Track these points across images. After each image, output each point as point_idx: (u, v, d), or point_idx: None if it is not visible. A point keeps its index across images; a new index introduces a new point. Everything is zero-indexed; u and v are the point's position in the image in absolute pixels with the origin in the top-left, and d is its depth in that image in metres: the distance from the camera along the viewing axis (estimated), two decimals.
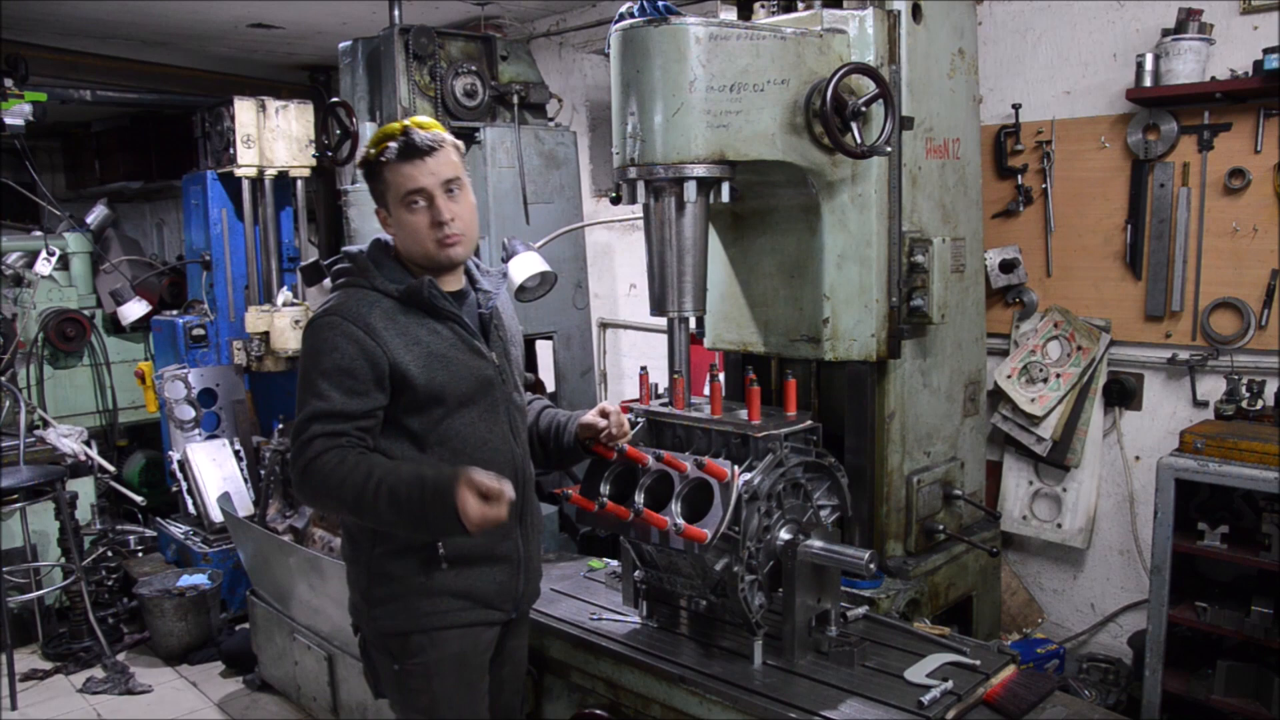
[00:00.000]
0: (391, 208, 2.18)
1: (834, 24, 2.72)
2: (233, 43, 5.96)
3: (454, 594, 2.21)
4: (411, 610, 2.20)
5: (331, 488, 2.04)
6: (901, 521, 2.93)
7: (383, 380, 2.10)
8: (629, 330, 5.41)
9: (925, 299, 2.78)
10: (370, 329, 2.10)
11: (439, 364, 2.15)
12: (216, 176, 5.59)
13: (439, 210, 2.14)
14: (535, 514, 2.42)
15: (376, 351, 2.09)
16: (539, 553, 2.45)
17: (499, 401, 2.26)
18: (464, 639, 2.24)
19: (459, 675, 2.25)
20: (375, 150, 2.16)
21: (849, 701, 2.19)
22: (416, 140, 2.12)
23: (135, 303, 6.15)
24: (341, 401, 2.07)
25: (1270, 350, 3.21)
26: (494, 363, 2.25)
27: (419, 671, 2.23)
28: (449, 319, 2.20)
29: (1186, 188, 3.33)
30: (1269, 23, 3.12)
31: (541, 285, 3.84)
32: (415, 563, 2.18)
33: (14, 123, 5.27)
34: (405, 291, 2.16)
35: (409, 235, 2.17)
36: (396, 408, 2.15)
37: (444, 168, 2.15)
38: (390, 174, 2.14)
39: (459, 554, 2.19)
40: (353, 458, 2.05)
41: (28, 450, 4.96)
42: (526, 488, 2.31)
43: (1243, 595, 3.01)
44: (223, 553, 5.01)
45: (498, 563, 2.27)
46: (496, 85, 4.39)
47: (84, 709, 4.26)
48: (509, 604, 2.31)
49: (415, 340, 2.14)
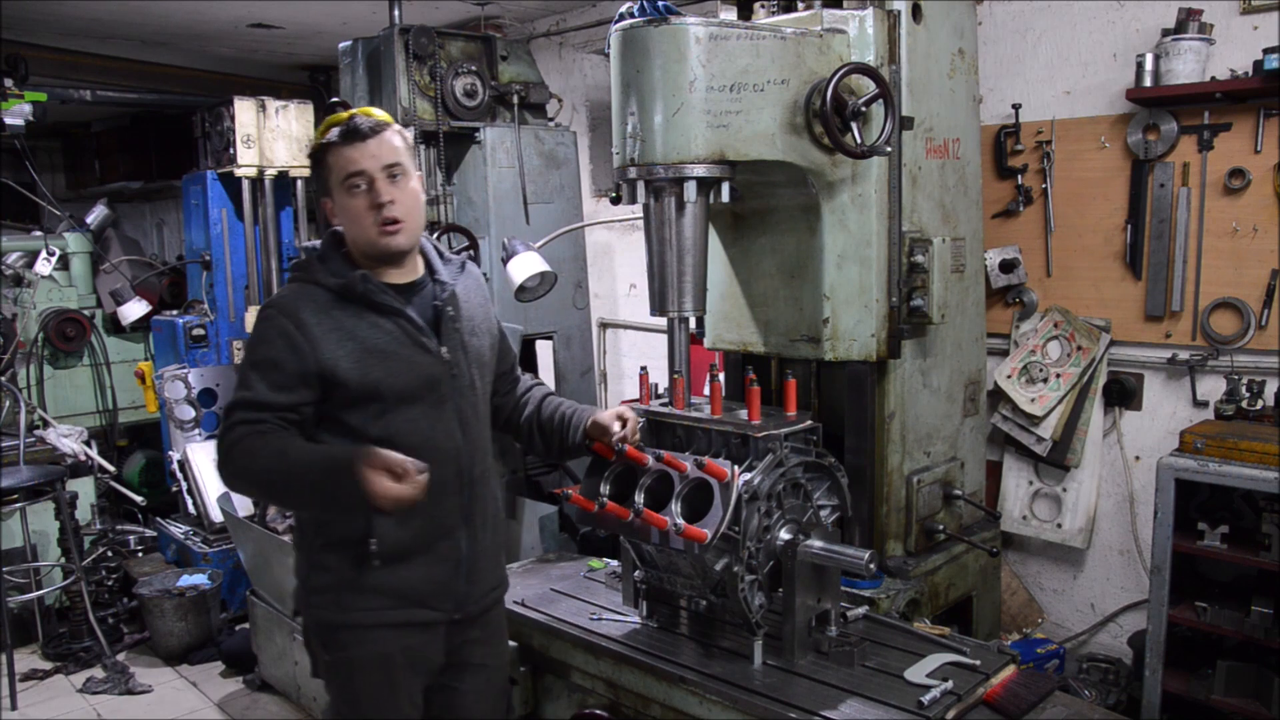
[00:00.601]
0: (334, 193, 2.16)
1: (834, 24, 2.72)
2: (233, 43, 5.97)
3: (384, 591, 2.18)
4: (341, 604, 2.20)
5: (250, 471, 2.06)
6: (901, 521, 2.93)
7: (308, 377, 2.09)
8: (629, 330, 5.41)
9: (925, 299, 2.77)
10: (301, 324, 2.10)
11: (375, 360, 2.13)
12: (216, 176, 5.59)
13: (378, 193, 2.12)
14: (488, 513, 2.34)
15: (304, 348, 2.09)
16: (494, 553, 2.39)
17: (446, 398, 2.21)
18: (390, 639, 2.21)
19: (382, 675, 2.23)
20: (320, 136, 2.16)
21: (849, 701, 2.19)
22: (358, 124, 2.12)
23: (135, 303, 6.15)
24: (265, 394, 2.08)
25: (1270, 350, 3.21)
26: (442, 358, 2.21)
27: (343, 666, 2.24)
28: (391, 313, 2.17)
29: (1186, 188, 3.33)
30: (1269, 23, 3.12)
31: (541, 285, 3.84)
32: (349, 557, 2.17)
33: (14, 123, 5.27)
34: (342, 285, 2.15)
35: (351, 221, 2.16)
36: (332, 404, 2.13)
37: (386, 152, 2.13)
38: (332, 157, 2.13)
39: (391, 550, 2.16)
40: (270, 441, 2.05)
41: (28, 450, 4.96)
42: (475, 487, 2.27)
43: (1243, 595, 3.02)
44: (223, 553, 5.01)
45: (435, 560, 2.23)
46: (496, 85, 4.39)
47: (84, 709, 4.26)
48: (448, 604, 2.26)
49: (350, 335, 2.12)
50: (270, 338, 2.11)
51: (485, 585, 2.35)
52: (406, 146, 2.20)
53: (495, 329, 2.43)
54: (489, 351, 2.37)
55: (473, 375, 2.28)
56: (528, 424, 2.52)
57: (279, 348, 2.10)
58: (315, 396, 2.12)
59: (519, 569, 3.31)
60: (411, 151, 2.23)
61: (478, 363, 2.31)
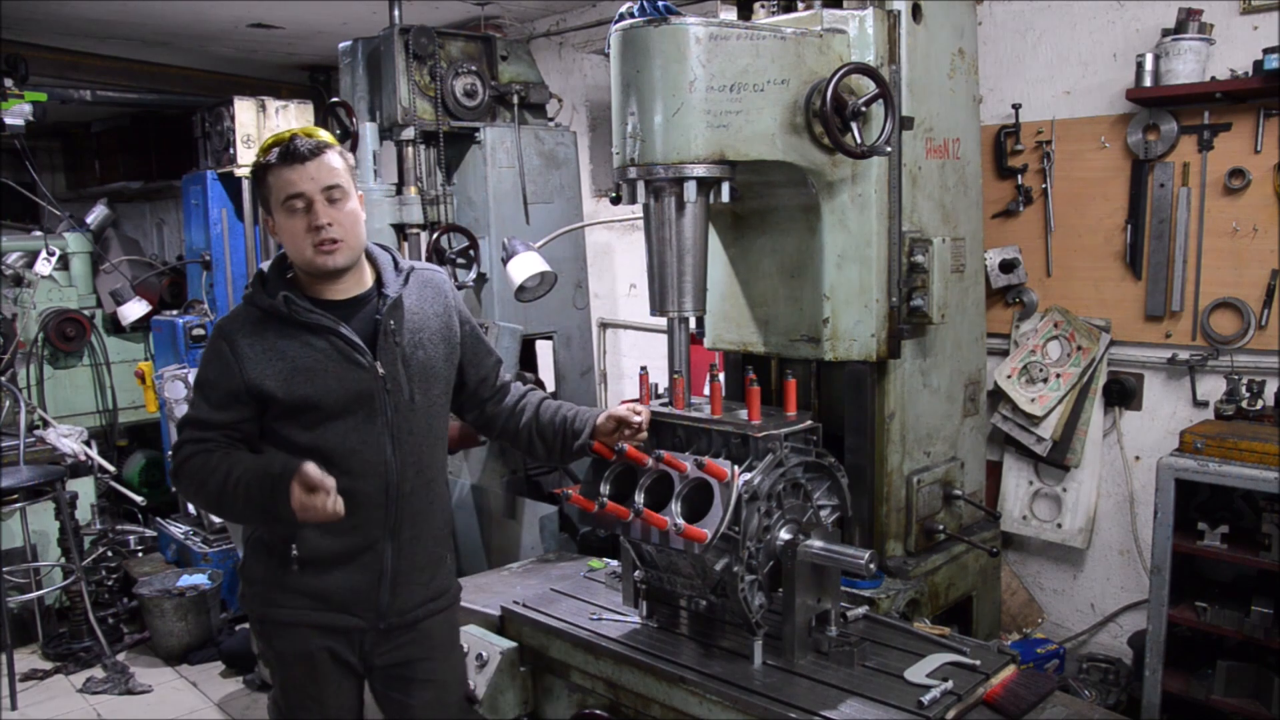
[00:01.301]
0: (274, 212, 2.20)
1: (834, 24, 2.71)
2: (233, 43, 5.96)
3: (306, 593, 2.28)
4: (268, 599, 2.32)
5: (199, 487, 2.18)
6: (901, 521, 2.93)
7: (239, 395, 2.18)
8: (629, 330, 5.41)
9: (925, 299, 2.77)
10: (234, 345, 2.20)
11: (303, 378, 2.18)
12: (216, 176, 5.59)
13: (316, 215, 2.15)
14: (421, 527, 2.35)
15: (234, 369, 2.18)
16: (429, 566, 2.40)
17: (378, 412, 2.24)
18: (311, 638, 2.29)
19: (304, 672, 2.32)
20: (261, 157, 2.18)
21: (849, 701, 2.19)
22: (298, 145, 2.14)
23: (135, 303, 6.15)
24: (208, 412, 2.21)
25: (1270, 350, 3.21)
26: (376, 373, 2.23)
27: (271, 658, 2.40)
28: (322, 332, 2.21)
29: (1186, 188, 3.33)
30: (1269, 23, 3.12)
31: (541, 285, 3.84)
32: (274, 558, 2.28)
33: (14, 123, 5.28)
34: (270, 306, 2.20)
35: (289, 240, 2.20)
36: (269, 417, 2.22)
37: (324, 174, 2.15)
38: (272, 178, 2.16)
39: (310, 556, 2.25)
40: (215, 459, 2.16)
41: (28, 450, 4.96)
42: (403, 501, 2.29)
43: (1243, 595, 3.01)
44: (223, 553, 5.01)
45: (356, 570, 2.28)
46: (496, 85, 4.39)
47: (84, 709, 4.26)
48: (368, 613, 2.31)
49: (280, 355, 2.19)
50: (210, 358, 2.24)
51: (414, 598, 2.38)
52: (347, 167, 2.22)
53: (455, 338, 2.42)
54: (441, 363, 2.37)
55: (412, 389, 2.30)
56: (526, 430, 2.54)
57: (215, 368, 2.22)
58: (250, 413, 2.21)
59: (519, 569, 3.32)
60: (352, 171, 2.26)
61: (422, 376, 2.32)
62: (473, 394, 2.53)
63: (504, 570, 3.33)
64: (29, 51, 5.45)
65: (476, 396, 2.54)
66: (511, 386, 2.59)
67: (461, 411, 2.56)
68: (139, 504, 5.82)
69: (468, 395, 2.52)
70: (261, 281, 2.27)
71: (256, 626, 2.39)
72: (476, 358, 2.50)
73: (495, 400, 2.56)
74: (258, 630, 2.40)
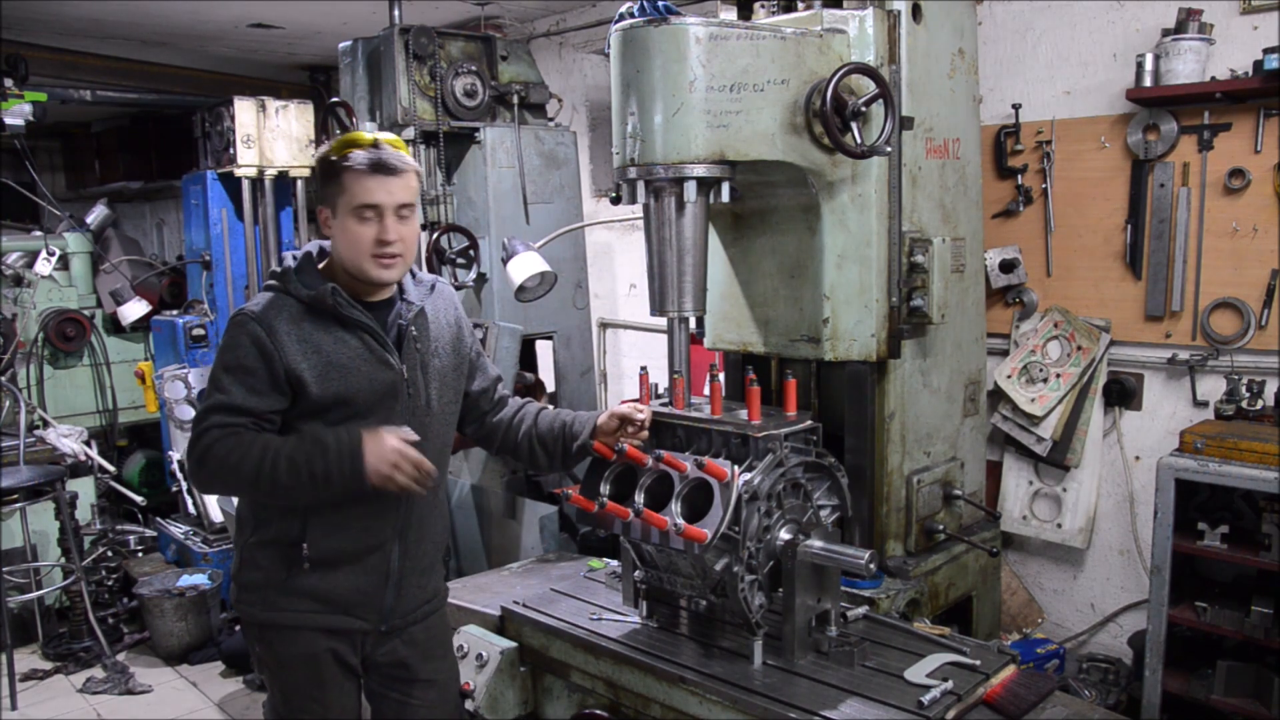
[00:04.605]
0: (339, 212, 2.19)
1: (834, 24, 2.71)
2: (233, 43, 5.97)
3: (310, 595, 2.26)
4: (270, 603, 2.28)
5: (229, 465, 2.11)
6: (901, 521, 2.93)
7: (279, 383, 2.16)
8: (629, 330, 5.41)
9: (925, 299, 2.77)
10: (272, 331, 2.16)
11: (336, 373, 2.19)
12: (216, 176, 5.59)
13: (385, 229, 2.17)
14: (426, 529, 2.40)
15: (274, 354, 2.15)
16: (429, 568, 2.45)
17: (396, 414, 2.26)
18: (316, 641, 2.28)
19: (308, 675, 2.30)
20: (338, 154, 2.17)
21: (849, 701, 2.19)
22: (387, 159, 2.16)
23: (135, 303, 6.15)
24: (242, 397, 2.14)
25: (1270, 350, 3.21)
26: (402, 375, 2.26)
27: (271, 663, 2.35)
28: (357, 328, 2.22)
29: (1186, 188, 3.33)
30: (1269, 23, 3.12)
31: (541, 285, 3.84)
32: (280, 558, 2.25)
33: (14, 123, 5.27)
34: (313, 298, 2.19)
35: (349, 244, 2.20)
36: (294, 411, 2.20)
37: (402, 192, 2.19)
38: (350, 180, 2.16)
39: (321, 556, 2.24)
40: (249, 437, 2.12)
41: (28, 450, 4.97)
42: (412, 503, 2.31)
43: (1243, 595, 3.02)
44: (223, 553, 5.01)
45: (364, 571, 2.29)
46: (496, 85, 4.39)
47: (84, 709, 4.26)
48: (372, 615, 2.33)
49: (316, 348, 2.18)
50: (243, 344, 2.16)
51: (415, 599, 2.42)
52: (419, 187, 2.27)
53: (465, 351, 2.48)
54: (453, 373, 2.43)
55: (429, 394, 2.34)
56: (526, 439, 2.57)
57: (252, 354, 2.16)
58: (284, 404, 2.19)
59: (519, 569, 3.32)
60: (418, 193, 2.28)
61: (438, 382, 2.37)
62: (474, 405, 2.58)
63: (504, 570, 3.33)
64: (29, 51, 5.45)
65: (477, 408, 2.59)
66: (509, 400, 2.64)
67: (462, 423, 2.60)
68: (139, 504, 5.82)
69: (469, 407, 2.57)
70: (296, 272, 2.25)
71: (255, 632, 2.35)
72: (480, 372, 2.57)
73: (494, 412, 2.61)
74: (256, 635, 2.35)
